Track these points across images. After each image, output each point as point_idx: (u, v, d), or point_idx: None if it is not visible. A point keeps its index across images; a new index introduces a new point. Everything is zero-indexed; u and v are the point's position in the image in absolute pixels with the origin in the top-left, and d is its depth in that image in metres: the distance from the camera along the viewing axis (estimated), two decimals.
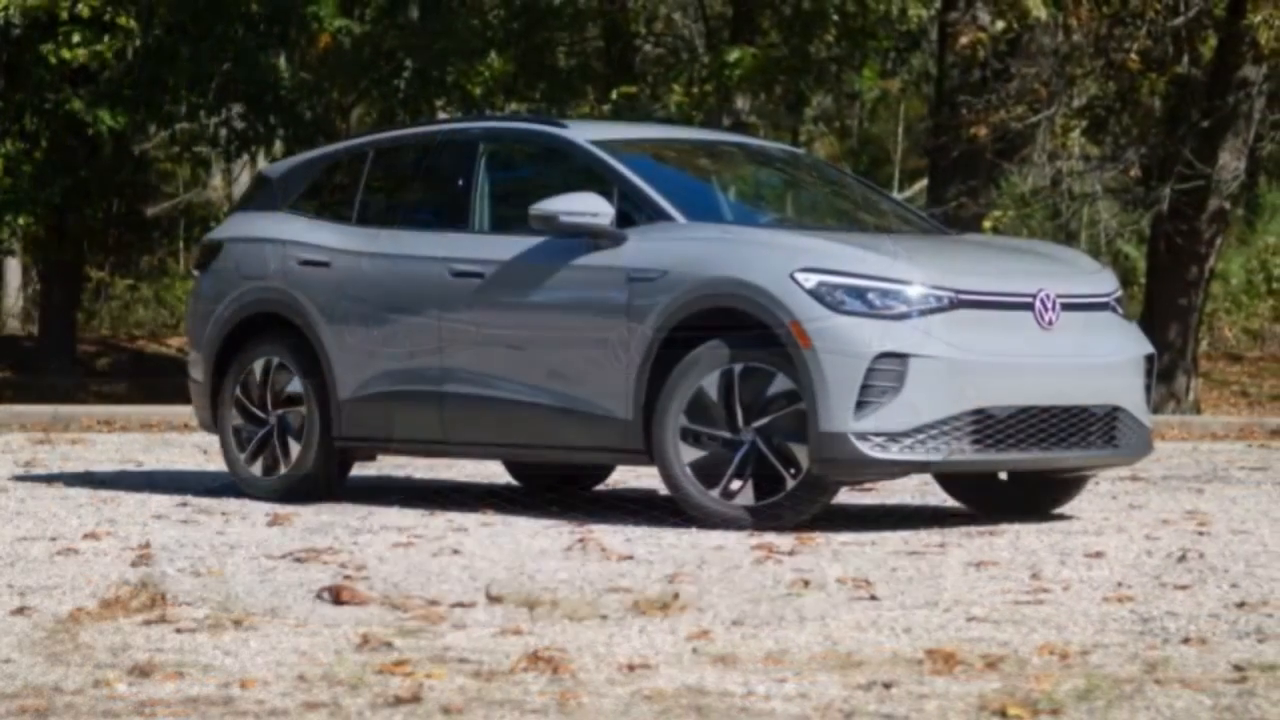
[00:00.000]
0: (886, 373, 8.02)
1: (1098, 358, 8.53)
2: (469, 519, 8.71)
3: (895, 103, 34.40)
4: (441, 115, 24.54)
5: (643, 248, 8.58)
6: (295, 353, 9.55)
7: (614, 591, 6.33)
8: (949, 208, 19.75)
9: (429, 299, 9.15)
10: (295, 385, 9.55)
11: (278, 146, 23.41)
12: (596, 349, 8.61)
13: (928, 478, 10.27)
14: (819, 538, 7.91)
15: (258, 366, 9.68)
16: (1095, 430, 8.48)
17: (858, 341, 8.03)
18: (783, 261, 8.22)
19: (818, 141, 35.50)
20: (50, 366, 21.89)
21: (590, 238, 8.70)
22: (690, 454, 8.36)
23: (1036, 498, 9.06)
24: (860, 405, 8.00)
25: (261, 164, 24.39)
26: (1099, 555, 7.37)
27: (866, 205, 9.74)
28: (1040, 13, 17.25)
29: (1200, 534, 8.17)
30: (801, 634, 5.54)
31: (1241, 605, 6.10)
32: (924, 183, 28.28)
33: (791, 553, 7.43)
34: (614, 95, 22.78)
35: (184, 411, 16.19)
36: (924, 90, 31.54)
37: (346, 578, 6.66)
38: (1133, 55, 17.84)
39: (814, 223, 9.41)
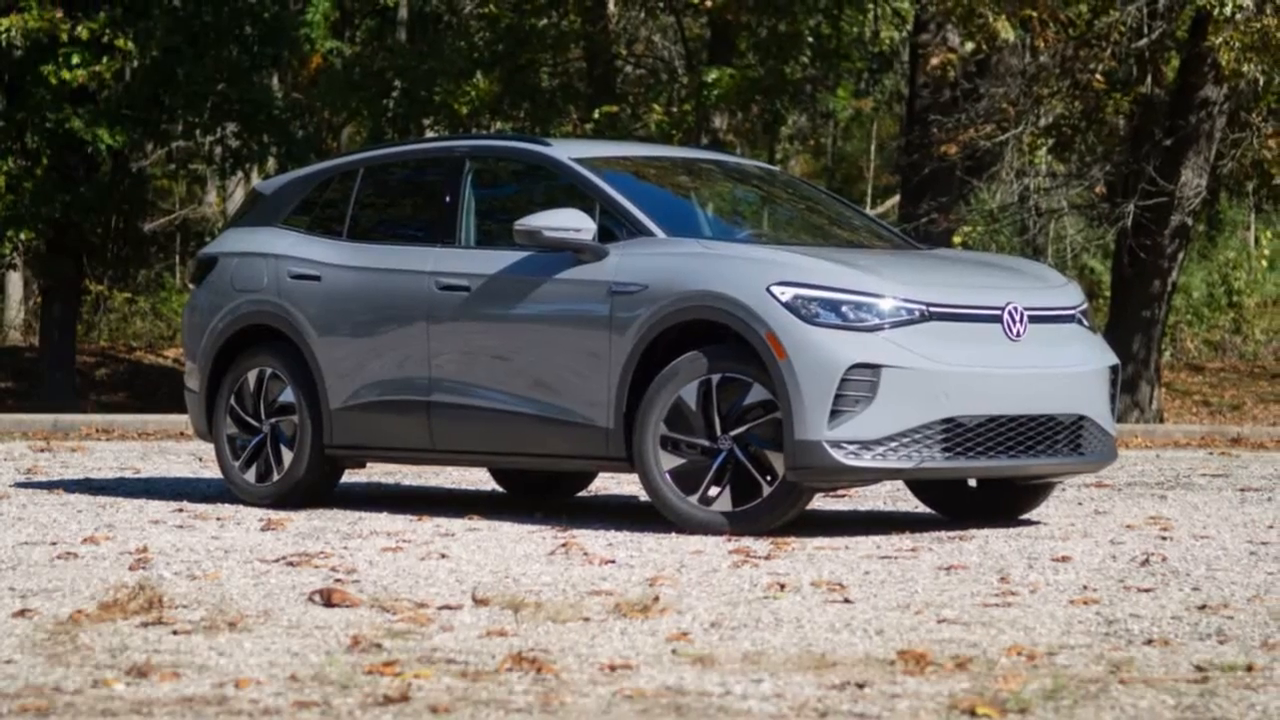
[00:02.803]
0: (859, 383, 8.10)
1: (1064, 368, 8.60)
2: (456, 524, 8.76)
3: (868, 122, 34.49)
4: (429, 134, 24.68)
5: (624, 262, 8.66)
6: (288, 363, 9.62)
7: (596, 594, 6.40)
8: (920, 223, 19.88)
9: (417, 312, 9.22)
10: (288, 395, 9.61)
11: (271, 164, 23.48)
12: (579, 360, 8.69)
13: (899, 484, 10.39)
14: (794, 542, 7.98)
15: (251, 377, 9.74)
16: (1062, 438, 8.56)
17: (832, 352, 8.12)
18: (759, 275, 8.31)
19: (793, 159, 35.63)
20: (51, 377, 21.94)
21: (573, 252, 8.77)
22: (670, 461, 8.45)
23: (1005, 504, 9.15)
24: (834, 414, 8.08)
25: (255, 181, 24.48)
26: (1065, 559, 7.44)
27: (840, 221, 9.77)
28: (1008, 35, 17.36)
29: (1163, 539, 8.25)
30: (777, 635, 5.61)
31: (1203, 608, 6.18)
32: (896, 199, 28.44)
33: (768, 557, 7.50)
34: (596, 114, 22.86)
35: (180, 420, 16.31)
36: (896, 109, 31.71)
37: (337, 581, 6.72)
38: (1098, 76, 17.97)
39: (789, 238, 9.44)
